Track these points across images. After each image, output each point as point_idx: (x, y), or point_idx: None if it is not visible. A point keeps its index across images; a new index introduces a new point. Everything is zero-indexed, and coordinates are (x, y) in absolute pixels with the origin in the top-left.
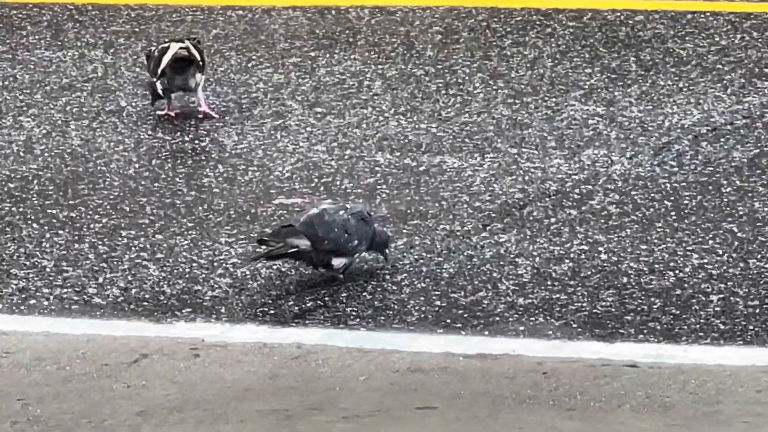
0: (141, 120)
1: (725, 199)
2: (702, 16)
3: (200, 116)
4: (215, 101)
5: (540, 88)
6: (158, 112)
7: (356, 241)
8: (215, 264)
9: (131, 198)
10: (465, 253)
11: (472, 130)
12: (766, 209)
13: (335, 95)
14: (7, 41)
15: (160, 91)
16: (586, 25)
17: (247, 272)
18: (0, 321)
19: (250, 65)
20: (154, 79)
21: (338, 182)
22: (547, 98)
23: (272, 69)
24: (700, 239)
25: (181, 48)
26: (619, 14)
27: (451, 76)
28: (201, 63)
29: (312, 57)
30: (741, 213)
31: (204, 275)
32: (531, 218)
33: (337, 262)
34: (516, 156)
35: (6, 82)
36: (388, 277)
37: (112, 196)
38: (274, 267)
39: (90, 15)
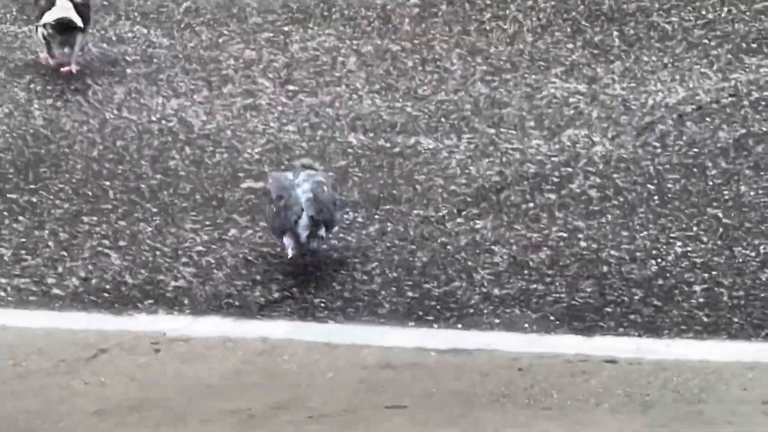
0: (106, 99)
1: (710, 183)
2: None
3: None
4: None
5: (519, 64)
6: (40, 55)
7: (339, 212)
8: (179, 252)
9: (94, 182)
10: (439, 241)
11: (448, 109)
12: (752, 193)
13: (308, 72)
14: None
15: (40, 36)
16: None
17: (212, 260)
18: None
19: (221, 41)
20: (37, 24)
21: None
22: (526, 75)
23: (243, 45)
24: (683, 226)
25: (63, 13)
26: None
27: (428, 51)
28: (83, 28)
29: (285, 32)
30: (726, 198)
31: (167, 264)
32: (508, 203)
33: (287, 242)
34: (494, 137)
35: None
36: (358, 266)
37: (74, 180)
38: (240, 255)
39: None
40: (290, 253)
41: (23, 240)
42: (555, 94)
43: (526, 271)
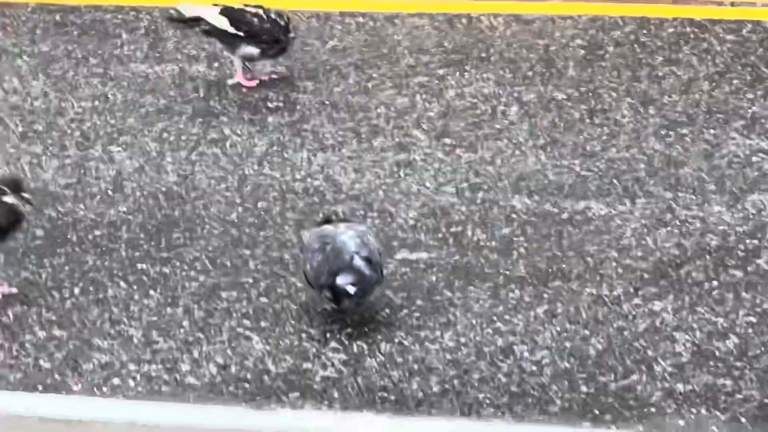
0: (246, 152)
1: None
2: None
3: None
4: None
5: (696, 117)
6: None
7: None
8: (328, 336)
9: (233, 250)
10: (615, 325)
11: (620, 169)
12: None
13: (465, 123)
14: (99, 52)
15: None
16: (746, 39)
17: (365, 346)
18: (79, 405)
19: (370, 85)
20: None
21: (469, 233)
22: (704, 129)
23: (396, 90)
24: None
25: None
26: None
27: (596, 101)
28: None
29: (440, 76)
30: None
31: (315, 350)
32: (689, 281)
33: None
34: (671, 201)
35: (96, 103)
36: (526, 354)
37: (210, 248)
38: (396, 340)
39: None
40: (351, 290)
41: (154, 319)
42: (736, 152)
43: (711, 363)
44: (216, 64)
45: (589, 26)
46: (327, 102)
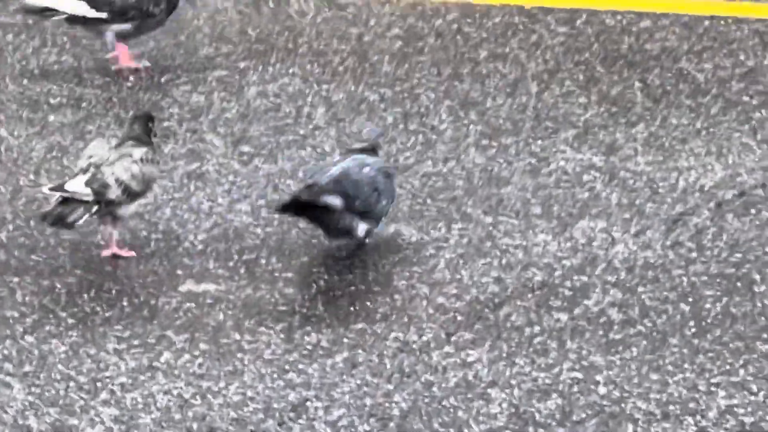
0: (23, 158)
1: (758, 304)
2: (722, 23)
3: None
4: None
5: (522, 124)
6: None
7: (385, 201)
8: (98, 385)
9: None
10: (423, 379)
11: (436, 186)
12: None
13: (266, 127)
14: None
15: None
16: (580, 33)
17: (138, 399)
18: None
19: (163, 80)
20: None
21: (263, 261)
22: (530, 140)
23: (191, 86)
24: (726, 367)
25: None
26: (620, 18)
27: (412, 103)
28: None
29: (241, 70)
30: None
31: (83, 401)
32: (509, 325)
33: (362, 227)
34: (491, 227)
35: None
36: (321, 413)
37: None
38: (175, 392)
39: None
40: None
41: None
42: (565, 168)
43: (531, 428)
44: None
45: (408, 12)
46: (115, 99)
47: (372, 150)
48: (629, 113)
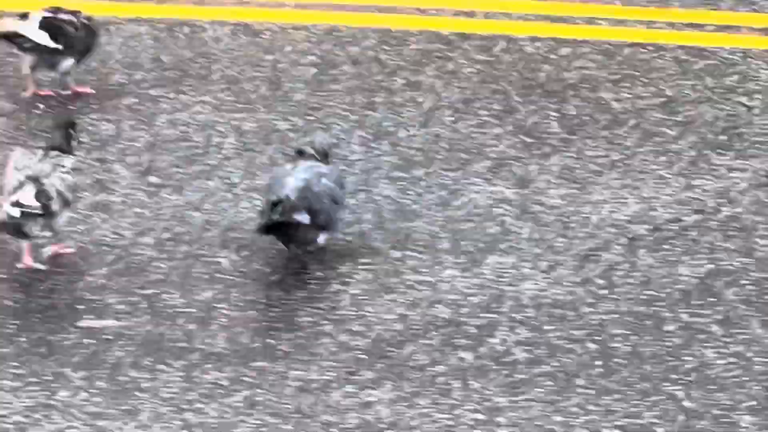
0: None
1: (669, 343)
2: (643, 50)
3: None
4: None
5: (435, 155)
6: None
7: (341, 211)
8: None
9: None
10: (322, 419)
11: (344, 220)
12: (721, 362)
13: (175, 157)
14: None
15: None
16: (498, 60)
17: None
18: None
19: (73, 107)
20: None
21: (166, 296)
22: (442, 171)
23: (101, 114)
24: (632, 409)
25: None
26: (539, 45)
27: (325, 133)
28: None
29: (152, 97)
30: (688, 368)
31: None
32: (411, 364)
33: (323, 238)
34: (398, 262)
35: None
36: None
37: None
38: None
39: None
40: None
41: None
42: (477, 201)
43: None
44: None
45: (324, 39)
46: (23, 127)
47: (324, 156)
48: (544, 144)
